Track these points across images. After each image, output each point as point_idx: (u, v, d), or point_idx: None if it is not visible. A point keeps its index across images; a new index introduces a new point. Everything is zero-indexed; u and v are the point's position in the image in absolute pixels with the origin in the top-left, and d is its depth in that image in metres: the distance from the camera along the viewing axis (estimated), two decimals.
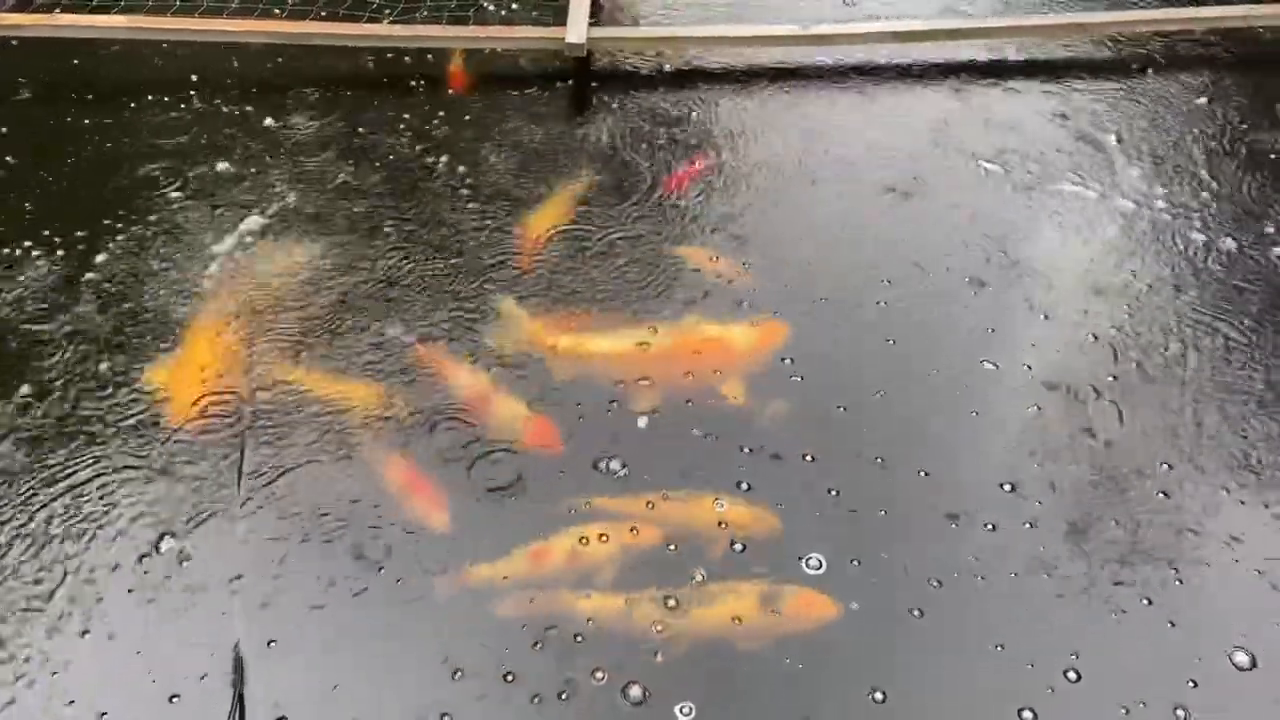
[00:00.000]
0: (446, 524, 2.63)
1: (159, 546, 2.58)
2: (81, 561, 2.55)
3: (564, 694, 2.32)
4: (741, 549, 2.56)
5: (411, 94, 3.99)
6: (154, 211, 3.47)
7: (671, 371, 2.97)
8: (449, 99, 3.97)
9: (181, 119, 3.86)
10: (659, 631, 2.41)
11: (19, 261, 3.29)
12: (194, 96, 3.95)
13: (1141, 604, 2.48)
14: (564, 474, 2.72)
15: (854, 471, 2.74)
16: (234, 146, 3.74)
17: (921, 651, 2.40)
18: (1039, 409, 2.89)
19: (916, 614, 2.45)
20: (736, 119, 3.91)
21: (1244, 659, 2.38)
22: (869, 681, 2.34)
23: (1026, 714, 2.29)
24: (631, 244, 3.37)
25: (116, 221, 3.42)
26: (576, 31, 3.94)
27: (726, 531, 2.59)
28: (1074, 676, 2.35)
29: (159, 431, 2.82)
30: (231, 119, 3.86)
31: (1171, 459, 2.78)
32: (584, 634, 2.41)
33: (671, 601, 2.45)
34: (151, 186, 3.56)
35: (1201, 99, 3.98)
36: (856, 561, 2.54)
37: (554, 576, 2.51)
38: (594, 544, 2.56)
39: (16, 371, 2.97)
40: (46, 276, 3.24)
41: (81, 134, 3.79)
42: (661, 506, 2.64)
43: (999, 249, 3.36)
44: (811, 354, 3.03)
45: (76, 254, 3.31)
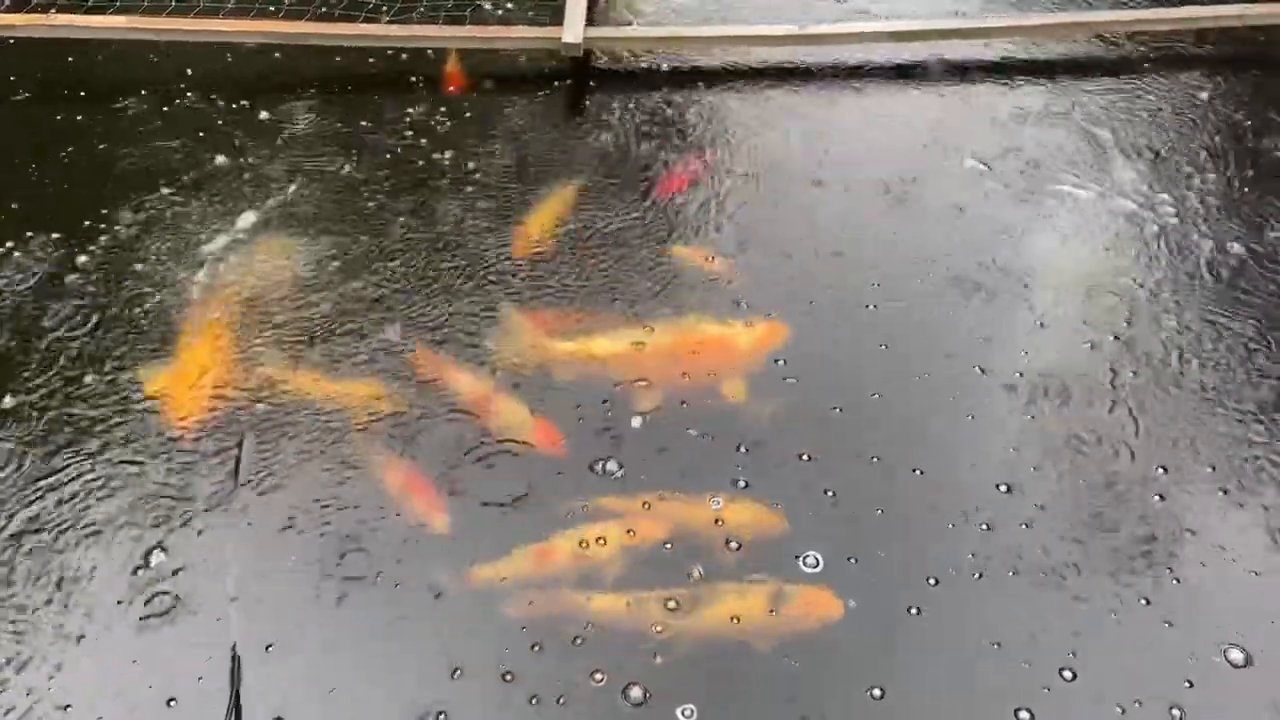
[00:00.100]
0: (446, 525, 2.63)
1: (155, 550, 2.58)
2: (77, 567, 2.55)
3: (561, 699, 2.32)
4: (738, 548, 2.57)
5: (409, 93, 3.98)
6: (150, 210, 3.47)
7: (669, 372, 2.97)
8: (446, 99, 3.97)
9: (177, 118, 3.85)
10: (659, 632, 2.42)
11: (12, 260, 3.29)
12: (189, 96, 3.95)
13: (1139, 604, 2.49)
14: (562, 474, 2.72)
15: (851, 471, 2.74)
16: (228, 145, 3.73)
17: (919, 651, 2.41)
18: (1037, 410, 2.90)
19: (914, 612, 2.46)
20: (734, 119, 3.91)
21: (1239, 659, 2.39)
22: (868, 680, 2.35)
23: (1023, 714, 2.29)
24: (629, 244, 3.37)
25: (112, 221, 3.42)
26: (573, 31, 3.93)
27: (723, 530, 2.60)
28: (1070, 675, 2.36)
29: (155, 434, 2.82)
30: (227, 118, 3.86)
31: (1168, 460, 2.78)
32: (583, 636, 2.42)
33: (672, 603, 2.46)
34: (147, 186, 3.56)
35: (1201, 97, 3.98)
36: (854, 560, 2.55)
37: (554, 577, 2.52)
38: (592, 545, 2.56)
39: (9, 372, 2.97)
40: (42, 275, 3.24)
41: (77, 133, 3.78)
42: (658, 506, 2.65)
43: (998, 249, 3.36)
44: (809, 354, 3.03)
45: (72, 253, 3.31)
